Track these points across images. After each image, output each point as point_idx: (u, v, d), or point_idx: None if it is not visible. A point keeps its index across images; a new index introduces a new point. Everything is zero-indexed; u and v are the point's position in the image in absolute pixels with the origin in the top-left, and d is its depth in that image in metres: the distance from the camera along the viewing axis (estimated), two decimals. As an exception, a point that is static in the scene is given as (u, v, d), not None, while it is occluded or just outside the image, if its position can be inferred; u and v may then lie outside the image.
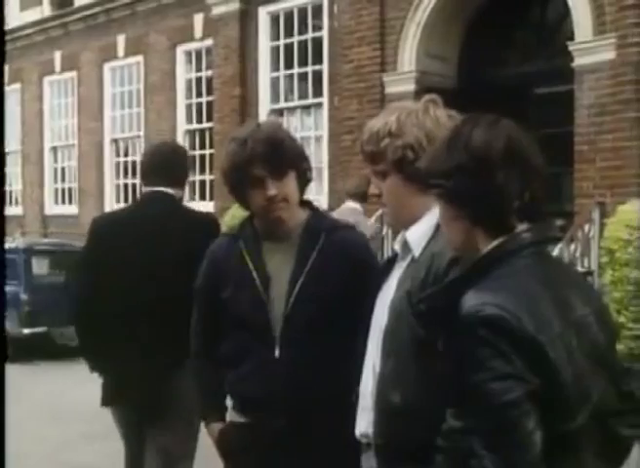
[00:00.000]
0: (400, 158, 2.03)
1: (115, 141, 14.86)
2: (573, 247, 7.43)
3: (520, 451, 1.44)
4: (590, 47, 7.92)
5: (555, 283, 1.58)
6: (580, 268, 7.29)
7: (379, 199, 2.11)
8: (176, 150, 3.61)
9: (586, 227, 7.63)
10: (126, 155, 14.74)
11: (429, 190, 1.67)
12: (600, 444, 1.55)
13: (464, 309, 1.49)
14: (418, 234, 2.03)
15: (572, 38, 8.16)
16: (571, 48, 8.09)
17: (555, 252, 7.22)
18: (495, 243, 1.58)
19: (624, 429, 1.61)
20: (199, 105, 13.24)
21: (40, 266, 10.09)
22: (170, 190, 3.37)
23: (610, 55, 7.72)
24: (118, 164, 14.86)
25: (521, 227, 1.59)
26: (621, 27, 7.65)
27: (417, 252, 2.01)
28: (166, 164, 3.40)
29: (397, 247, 2.12)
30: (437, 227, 2.01)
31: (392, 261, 2.15)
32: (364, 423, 2.10)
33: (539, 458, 1.45)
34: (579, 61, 8.01)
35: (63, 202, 16.09)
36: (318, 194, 11.10)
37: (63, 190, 16.13)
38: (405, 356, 1.95)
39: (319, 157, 11.18)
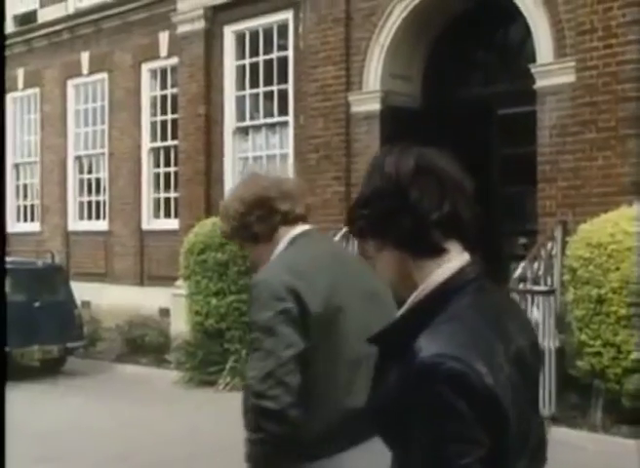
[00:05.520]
0: None
1: (79, 158, 14.74)
2: (536, 265, 7.54)
3: None
4: (551, 69, 8.09)
5: (497, 317, 1.53)
6: (542, 287, 7.39)
7: None
8: None
9: (549, 245, 7.76)
10: (89, 172, 14.63)
11: (353, 227, 1.61)
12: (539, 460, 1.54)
13: (420, 358, 1.39)
14: None
15: (534, 60, 8.33)
16: (532, 70, 8.25)
17: (519, 270, 7.34)
18: (436, 278, 1.51)
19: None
20: (164, 123, 13.21)
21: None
22: None
23: (570, 77, 7.90)
24: (82, 181, 14.74)
25: (461, 259, 1.53)
26: (581, 51, 7.83)
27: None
28: None
29: None
30: None
31: None
32: None
33: None
34: (540, 83, 8.18)
35: (25, 219, 15.91)
36: (284, 212, 11.14)
37: (26, 207, 15.95)
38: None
39: (284, 175, 11.20)
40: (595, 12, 7.70)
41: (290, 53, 11.03)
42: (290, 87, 11.02)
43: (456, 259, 1.52)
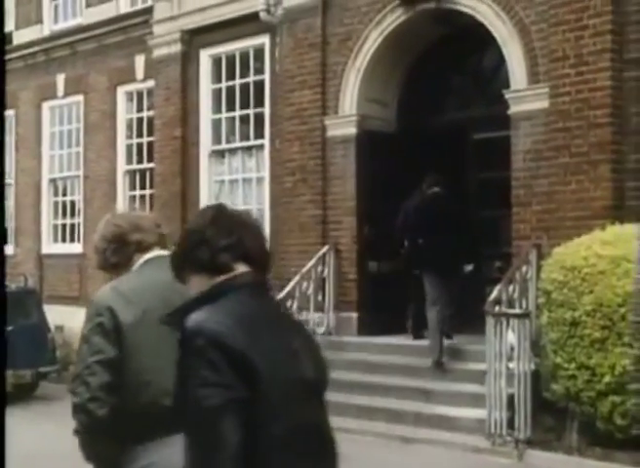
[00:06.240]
0: None
1: (53, 181, 14.66)
2: (511, 288, 7.60)
3: (216, 451, 1.71)
4: (525, 95, 8.21)
5: (268, 315, 1.99)
6: (517, 310, 7.44)
7: None
8: None
9: (524, 268, 7.83)
10: (64, 195, 14.55)
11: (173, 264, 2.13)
12: (312, 446, 1.89)
13: (188, 325, 1.83)
14: None
15: (508, 86, 8.45)
16: (506, 96, 8.37)
17: (494, 293, 7.39)
18: (220, 278, 1.98)
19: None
20: (139, 146, 13.19)
21: (-28, 308, 9.81)
22: None
23: (543, 103, 8.02)
24: (56, 203, 14.65)
25: (240, 269, 2.00)
26: (554, 78, 7.96)
27: None
28: None
29: None
30: None
31: None
32: None
33: (234, 458, 1.72)
34: (514, 109, 8.29)
35: (-2, 242, 15.75)
36: (260, 235, 11.13)
37: (-2, 230, 15.79)
38: None
39: (261, 198, 11.23)
40: (567, 40, 7.84)
41: (266, 76, 11.08)
42: (266, 110, 11.07)
43: (236, 272, 1.98)
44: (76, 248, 14.02)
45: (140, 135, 13.18)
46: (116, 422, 2.61)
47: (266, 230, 10.97)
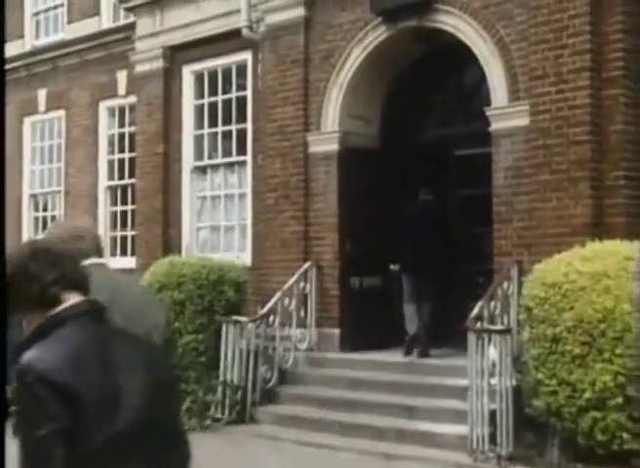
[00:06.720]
0: None
1: (34, 196, 14.59)
2: (492, 304, 7.63)
3: None
4: (505, 113, 8.29)
5: (99, 341, 2.10)
6: (499, 326, 7.47)
7: None
8: None
9: (505, 285, 7.87)
10: (45, 210, 14.48)
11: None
12: (137, 456, 2.06)
13: (21, 363, 2.01)
14: None
15: (489, 103, 8.52)
16: (487, 113, 8.44)
17: (476, 309, 7.42)
18: (54, 311, 2.11)
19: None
20: (121, 161, 13.17)
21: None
22: None
23: (524, 121, 8.09)
24: (37, 219, 14.58)
25: (73, 300, 2.13)
26: (534, 96, 8.04)
27: None
28: None
29: None
30: None
31: None
32: None
33: None
34: (495, 126, 8.36)
35: (-23, 257, 15.63)
36: (241, 251, 11.12)
37: (-22, 245, 15.68)
38: None
39: (243, 214, 11.23)
40: (547, 58, 7.93)
41: (248, 93, 11.12)
42: (248, 126, 11.09)
43: (68, 303, 2.12)
44: (57, 263, 13.95)
45: (121, 150, 13.17)
46: None
47: (248, 246, 11.04)
